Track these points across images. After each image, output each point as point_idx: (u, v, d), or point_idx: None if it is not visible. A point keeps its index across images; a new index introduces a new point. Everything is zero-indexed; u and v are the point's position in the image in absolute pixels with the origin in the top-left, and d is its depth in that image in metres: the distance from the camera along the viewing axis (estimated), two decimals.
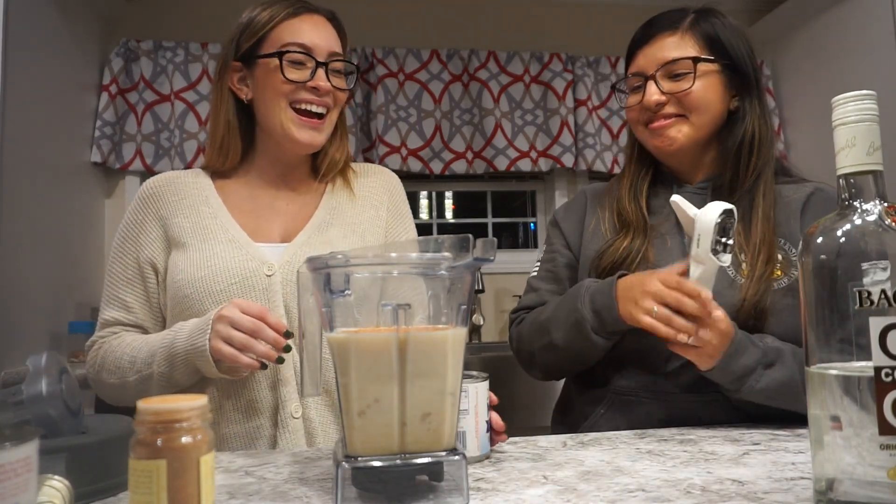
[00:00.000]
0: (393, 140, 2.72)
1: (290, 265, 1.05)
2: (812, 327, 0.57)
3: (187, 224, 1.09)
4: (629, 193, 1.12)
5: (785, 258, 1.00)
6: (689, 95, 1.03)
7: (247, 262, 1.04)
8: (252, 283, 1.03)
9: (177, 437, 0.47)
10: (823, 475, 0.55)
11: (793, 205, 1.03)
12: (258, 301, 1.02)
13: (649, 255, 1.06)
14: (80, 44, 2.45)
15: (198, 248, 1.06)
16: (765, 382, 0.90)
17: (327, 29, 1.10)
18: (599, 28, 3.00)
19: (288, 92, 1.06)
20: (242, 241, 1.07)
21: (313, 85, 1.06)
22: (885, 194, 0.57)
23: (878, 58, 2.42)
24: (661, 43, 1.06)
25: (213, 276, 1.02)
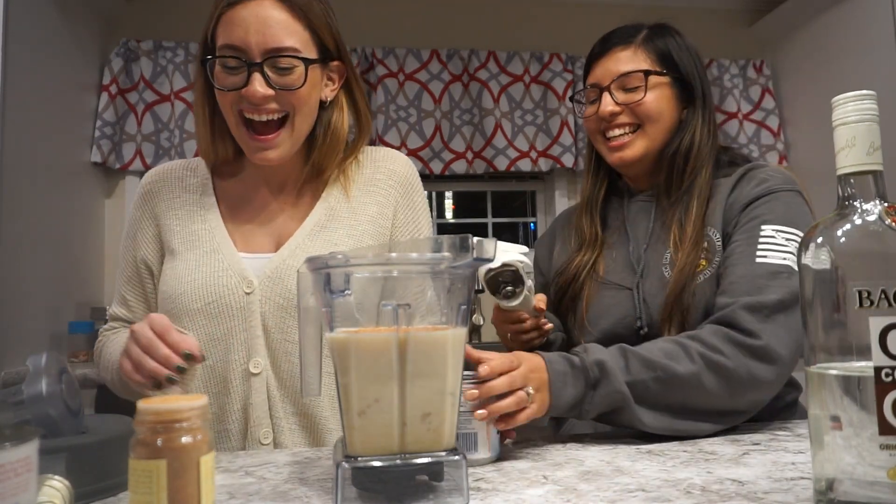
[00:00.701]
0: (393, 140, 2.72)
1: (272, 281, 0.98)
2: (812, 327, 0.57)
3: (178, 227, 1.05)
4: (585, 209, 1.18)
5: (710, 245, 1.00)
6: (641, 106, 1.07)
7: (226, 277, 0.98)
8: (229, 301, 0.97)
9: (177, 437, 0.47)
10: (823, 475, 0.55)
11: (723, 191, 1.04)
12: (235, 321, 0.97)
13: (599, 268, 1.12)
14: (80, 44, 2.45)
15: (183, 257, 1.02)
16: (597, 405, 0.84)
17: (268, 18, 0.92)
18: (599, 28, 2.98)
19: (230, 102, 0.95)
20: (226, 252, 1.01)
21: (244, 94, 0.93)
22: (885, 194, 0.57)
23: (878, 58, 2.42)
24: (616, 56, 1.10)
25: (190, 293, 0.98)
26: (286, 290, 0.98)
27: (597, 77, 1.12)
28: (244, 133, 0.96)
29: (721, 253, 0.99)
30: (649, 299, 1.03)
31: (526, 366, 0.80)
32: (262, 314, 0.98)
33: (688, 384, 0.85)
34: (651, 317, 1.03)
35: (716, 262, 0.99)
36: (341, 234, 1.03)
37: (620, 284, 1.08)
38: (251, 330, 0.97)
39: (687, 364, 0.85)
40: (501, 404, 0.77)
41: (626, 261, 1.09)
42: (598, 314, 1.09)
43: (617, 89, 1.09)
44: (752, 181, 1.02)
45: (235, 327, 0.97)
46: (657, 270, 1.05)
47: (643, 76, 1.07)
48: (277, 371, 0.98)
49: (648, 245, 1.08)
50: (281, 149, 0.97)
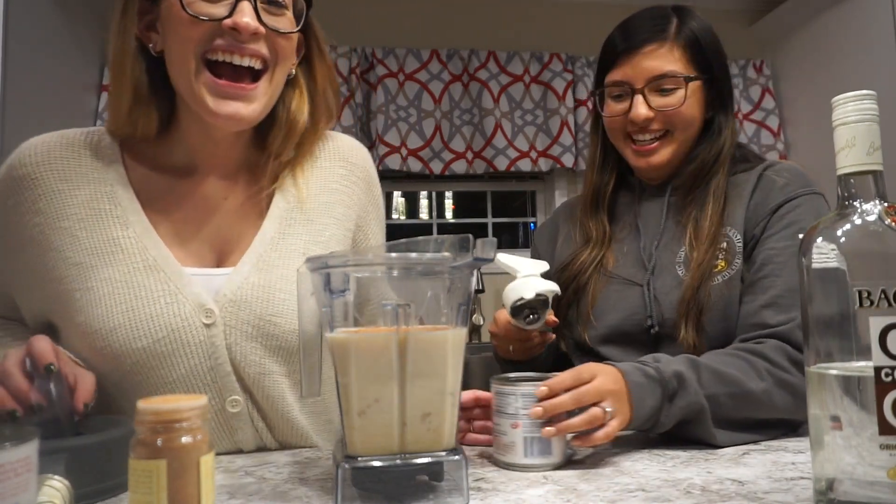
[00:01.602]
0: (393, 140, 2.72)
1: (235, 306, 0.80)
2: (812, 327, 0.57)
3: (83, 234, 0.79)
4: (591, 205, 1.14)
5: (729, 245, 0.99)
6: (678, 113, 1.02)
7: (176, 305, 0.78)
8: (186, 337, 0.77)
9: (177, 437, 0.47)
10: (823, 475, 0.55)
11: (742, 189, 1.03)
12: (196, 359, 0.78)
13: (608, 262, 1.08)
14: (80, 44, 2.45)
15: (102, 277, 0.77)
16: (674, 416, 0.81)
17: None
18: (599, 28, 2.99)
19: (198, 39, 0.75)
20: (168, 270, 0.79)
21: (231, 24, 0.74)
22: (885, 194, 0.57)
23: (878, 58, 2.42)
24: (650, 54, 1.02)
25: (131, 330, 0.76)
26: (254, 315, 0.80)
27: (627, 76, 1.03)
28: (209, 78, 0.76)
29: (741, 255, 0.97)
30: (661, 297, 1.00)
31: (600, 379, 0.76)
32: (229, 346, 0.80)
33: (759, 401, 0.84)
34: (662, 315, 1.00)
35: (736, 264, 0.97)
36: (306, 240, 0.87)
37: (630, 280, 1.05)
38: (219, 368, 0.80)
39: (758, 381, 0.84)
40: (573, 422, 0.73)
41: (637, 256, 1.06)
42: (604, 308, 1.05)
43: (651, 92, 1.02)
44: (774, 184, 1.00)
45: (198, 366, 0.79)
46: (670, 268, 1.02)
47: (683, 81, 1.01)
48: (260, 409, 0.84)
49: (660, 243, 1.05)
50: (257, 104, 0.79)
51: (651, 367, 0.81)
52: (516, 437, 0.73)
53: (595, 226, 1.12)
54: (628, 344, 1.03)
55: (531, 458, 0.73)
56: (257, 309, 0.81)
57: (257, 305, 0.81)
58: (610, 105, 1.07)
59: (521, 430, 0.73)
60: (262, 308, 0.81)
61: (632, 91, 1.03)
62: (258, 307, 0.81)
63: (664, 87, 1.02)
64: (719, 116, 1.07)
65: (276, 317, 0.82)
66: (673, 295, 1.00)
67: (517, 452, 0.73)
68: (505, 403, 0.75)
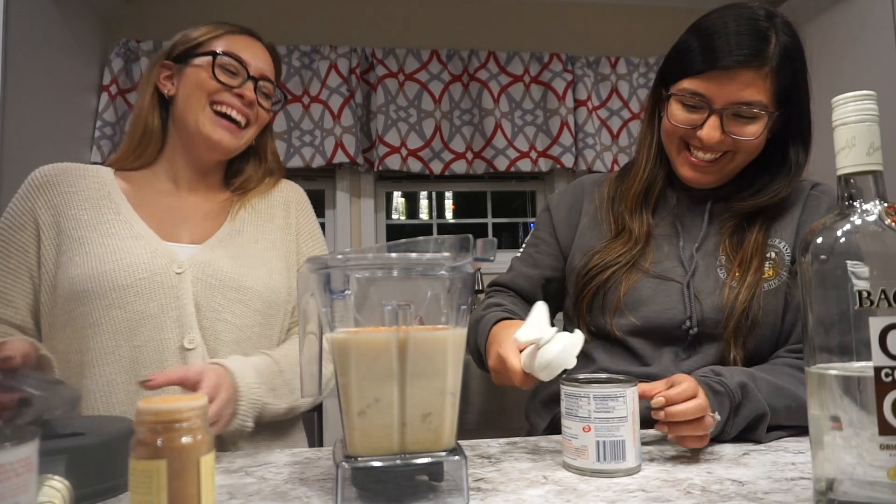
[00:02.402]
0: (393, 140, 2.72)
1: (203, 266, 1.02)
2: (812, 327, 0.57)
3: (85, 217, 1.03)
4: (636, 202, 1.09)
5: (778, 256, 1.00)
6: (749, 143, 0.98)
7: (154, 258, 1.00)
8: (161, 279, 0.99)
9: (177, 437, 0.47)
10: (823, 475, 0.55)
11: (791, 204, 1.03)
12: (167, 299, 0.99)
13: (645, 259, 1.05)
14: (80, 44, 2.45)
15: (98, 242, 1.01)
16: (738, 426, 0.85)
17: (264, 55, 1.14)
18: (599, 28, 3.00)
19: (212, 91, 1.07)
20: (149, 238, 1.03)
21: (239, 92, 1.08)
22: (885, 194, 0.57)
23: (878, 58, 2.42)
24: (741, 78, 0.94)
25: (117, 271, 0.98)
26: (217, 271, 1.03)
27: (710, 91, 0.96)
28: (211, 114, 1.07)
29: (787, 267, 0.99)
30: (702, 298, 0.99)
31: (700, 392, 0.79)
32: (195, 293, 1.01)
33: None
34: (702, 315, 0.98)
35: (782, 276, 0.98)
36: (255, 237, 1.12)
37: (668, 277, 1.03)
38: (183, 308, 0.99)
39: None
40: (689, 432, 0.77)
41: (677, 257, 1.04)
42: (638, 300, 1.02)
43: (729, 116, 0.96)
44: (821, 203, 1.03)
45: (167, 305, 0.99)
46: (711, 271, 1.01)
47: (766, 116, 0.96)
48: (210, 348, 1.01)
49: (701, 244, 1.04)
50: (238, 142, 1.11)
51: (715, 382, 0.85)
52: (588, 441, 0.71)
53: (639, 223, 1.07)
54: (660, 338, 1.01)
55: (604, 462, 0.70)
56: (220, 269, 1.04)
57: (220, 266, 1.04)
58: (678, 112, 1.00)
59: (592, 433, 0.71)
60: (225, 269, 1.04)
61: (709, 108, 0.97)
62: (221, 267, 1.04)
63: (744, 114, 0.96)
64: (799, 150, 1.03)
65: (236, 276, 1.04)
66: (714, 297, 0.98)
67: (589, 457, 0.71)
68: (576, 406, 0.72)
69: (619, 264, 1.05)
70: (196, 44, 1.10)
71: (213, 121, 1.07)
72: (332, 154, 2.67)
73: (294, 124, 2.71)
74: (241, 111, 1.09)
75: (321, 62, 2.71)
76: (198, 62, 1.08)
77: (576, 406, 0.72)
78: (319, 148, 2.69)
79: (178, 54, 1.11)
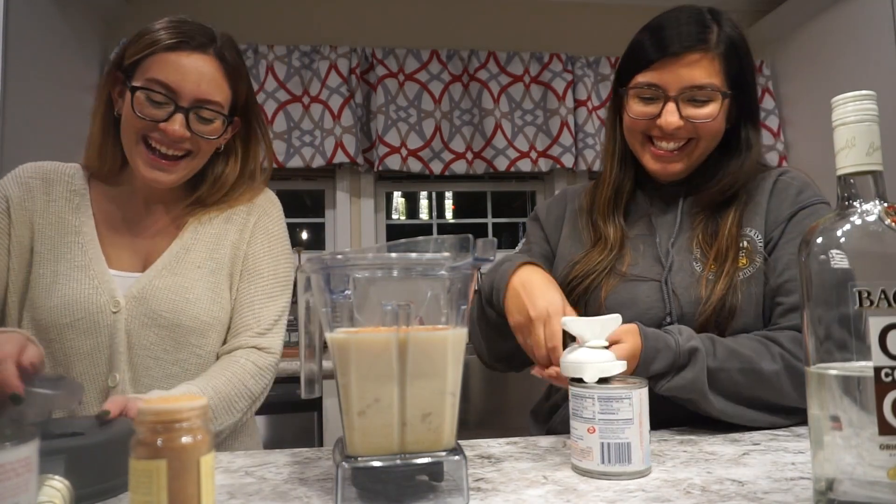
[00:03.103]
0: (393, 140, 2.72)
1: (137, 301, 1.03)
2: (812, 327, 0.57)
3: (50, 232, 1.05)
4: (608, 208, 1.11)
5: (751, 244, 1.01)
6: (707, 126, 1.01)
7: (95, 295, 1.02)
8: (97, 318, 1.01)
9: (177, 437, 0.47)
10: (823, 475, 0.55)
11: (760, 193, 1.05)
12: (102, 338, 1.01)
13: (623, 263, 1.06)
14: (80, 44, 2.45)
15: (52, 267, 1.03)
16: (673, 385, 0.89)
17: (207, 72, 1.02)
18: (599, 28, 3.00)
19: (140, 128, 1.00)
20: (97, 269, 1.04)
21: (162, 128, 0.99)
22: (884, 194, 0.57)
23: (878, 58, 2.42)
24: (689, 62, 0.99)
25: (60, 308, 1.00)
26: (150, 309, 1.03)
27: (663, 80, 1.00)
28: (143, 151, 1.01)
29: (762, 254, 1.00)
30: (680, 292, 1.01)
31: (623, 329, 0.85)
32: (127, 331, 1.02)
33: (768, 382, 0.90)
34: (682, 310, 1.00)
35: (757, 263, 1.00)
36: (203, 256, 1.09)
37: (646, 277, 1.04)
38: (115, 346, 1.01)
39: (770, 363, 0.90)
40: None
41: (653, 253, 1.06)
42: (619, 304, 1.03)
43: (683, 100, 1.00)
44: (789, 189, 1.03)
45: (101, 343, 1.01)
46: (686, 265, 1.02)
47: (719, 96, 1.00)
48: (136, 384, 1.03)
49: (676, 240, 1.06)
50: (175, 176, 1.04)
51: (672, 338, 0.89)
52: (592, 443, 0.70)
53: (612, 229, 1.10)
54: None
55: (608, 465, 0.69)
56: (154, 305, 1.03)
57: (154, 302, 1.03)
58: (636, 106, 1.04)
59: (597, 434, 0.70)
60: (158, 304, 1.04)
61: (664, 97, 1.00)
62: (155, 303, 1.03)
63: (698, 97, 1.00)
64: (749, 131, 1.06)
65: (170, 315, 1.04)
66: (692, 291, 1.00)
67: (594, 459, 0.70)
68: (581, 407, 0.71)
69: (597, 272, 1.07)
70: (139, 58, 1.02)
71: (144, 160, 1.01)
72: (332, 154, 2.67)
73: (294, 124, 2.71)
74: (171, 146, 1.01)
75: (321, 62, 2.71)
76: (128, 91, 1.00)
77: (581, 407, 0.71)
78: (319, 148, 2.69)
79: (126, 66, 1.03)
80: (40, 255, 1.04)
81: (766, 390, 0.91)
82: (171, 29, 1.02)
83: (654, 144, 1.04)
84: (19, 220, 1.05)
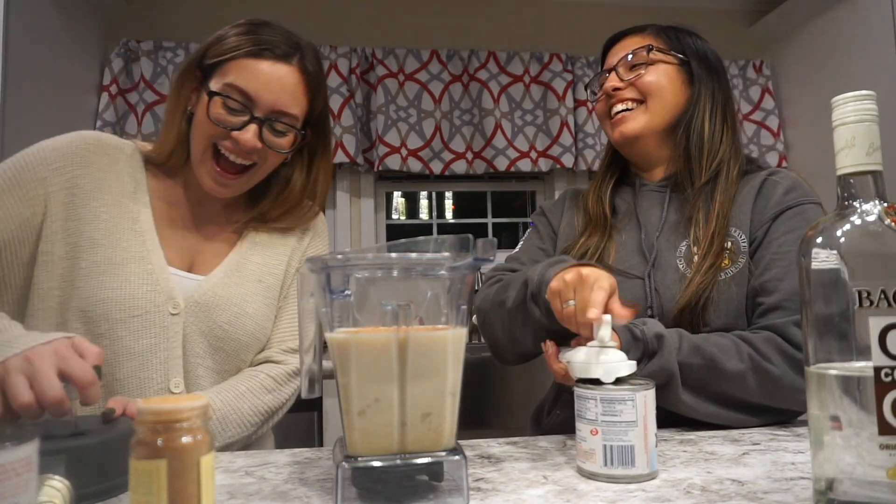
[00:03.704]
0: (393, 140, 2.72)
1: (198, 310, 0.99)
2: (812, 327, 0.57)
3: (105, 215, 0.97)
4: (594, 194, 1.18)
5: (734, 245, 1.02)
6: (642, 79, 1.10)
7: (153, 293, 0.96)
8: (154, 318, 0.95)
9: (177, 437, 0.47)
10: (823, 475, 0.56)
11: (747, 193, 1.06)
12: (158, 339, 0.95)
13: (609, 255, 1.10)
14: (80, 44, 2.45)
15: (106, 255, 0.95)
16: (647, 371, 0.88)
17: (288, 83, 0.98)
18: (599, 28, 2.99)
19: (212, 134, 0.97)
20: (155, 264, 0.98)
21: (235, 137, 0.96)
22: (884, 194, 0.57)
23: (878, 58, 2.42)
24: (627, 41, 1.15)
25: (115, 301, 0.93)
26: (210, 318, 1.00)
27: (608, 63, 1.16)
28: (210, 161, 0.99)
29: (746, 254, 1.01)
30: (662, 289, 1.02)
31: None
32: (185, 337, 0.98)
33: (732, 380, 0.91)
34: (663, 307, 1.02)
35: (740, 263, 1.01)
36: (262, 270, 1.07)
37: (631, 273, 1.06)
38: (171, 350, 0.97)
39: (736, 362, 0.91)
40: None
41: (638, 248, 1.09)
42: None
43: (623, 68, 1.12)
44: (776, 189, 1.04)
45: (156, 345, 0.96)
46: (671, 261, 1.04)
47: (645, 53, 1.11)
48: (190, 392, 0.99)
49: (661, 234, 1.08)
50: (234, 189, 1.02)
51: (638, 329, 0.90)
52: (595, 445, 0.69)
53: (596, 207, 1.15)
54: None
55: (611, 468, 0.68)
56: (214, 315, 1.00)
57: (216, 312, 1.01)
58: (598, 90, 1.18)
59: (600, 436, 0.69)
60: (218, 315, 1.01)
61: (609, 72, 1.14)
62: (216, 313, 1.01)
63: (635, 62, 1.11)
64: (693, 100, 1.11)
65: (227, 325, 1.01)
66: (674, 289, 1.01)
67: (596, 461, 0.69)
68: (584, 408, 0.71)
69: (585, 258, 1.08)
70: (219, 60, 0.98)
71: (209, 172, 0.99)
72: (332, 154, 2.67)
73: None
74: (240, 155, 0.98)
75: None
76: (205, 95, 0.97)
77: (584, 408, 0.71)
78: None
79: (205, 67, 1.00)
80: (92, 240, 0.95)
81: (731, 388, 0.91)
82: (255, 34, 0.99)
83: (612, 116, 1.13)
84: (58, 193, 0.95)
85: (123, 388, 0.95)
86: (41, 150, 0.99)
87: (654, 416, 0.70)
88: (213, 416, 0.96)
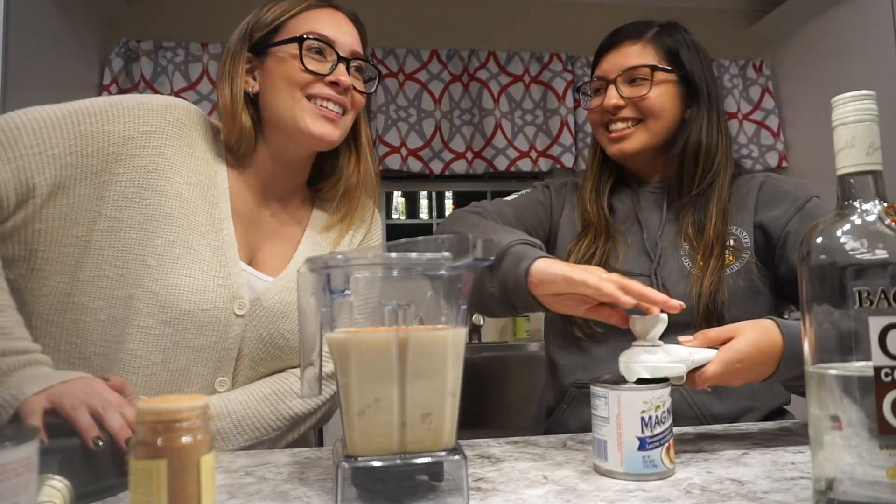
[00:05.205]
0: (393, 140, 2.72)
1: (262, 316, 0.95)
2: (812, 327, 0.57)
3: (186, 193, 0.92)
4: (591, 195, 1.17)
5: (736, 242, 1.05)
6: (645, 101, 1.08)
7: (224, 289, 0.92)
8: (218, 316, 0.91)
9: (177, 437, 0.47)
10: (823, 475, 0.55)
11: (746, 195, 1.09)
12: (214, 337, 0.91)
13: (618, 254, 1.09)
14: (80, 44, 2.45)
15: (182, 237, 0.90)
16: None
17: (350, 27, 1.02)
18: (599, 28, 2.99)
19: (304, 83, 0.94)
20: (229, 256, 0.94)
21: (333, 79, 0.95)
22: (884, 194, 0.57)
23: (878, 58, 2.42)
24: (624, 50, 1.11)
25: (185, 290, 0.89)
26: (273, 325, 0.96)
27: (604, 70, 1.13)
28: (310, 107, 0.95)
29: (750, 249, 1.03)
30: (669, 286, 1.04)
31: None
32: (243, 339, 0.95)
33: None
34: None
35: (744, 258, 1.03)
36: None
37: (635, 272, 1.06)
38: (227, 351, 0.93)
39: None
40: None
41: (641, 248, 1.09)
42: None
43: (622, 83, 1.10)
44: (781, 185, 1.08)
45: (214, 343, 0.92)
46: (675, 259, 1.06)
47: (649, 71, 1.08)
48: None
49: (662, 233, 1.09)
50: (340, 131, 0.99)
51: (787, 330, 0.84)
52: (612, 444, 0.70)
53: (596, 213, 1.14)
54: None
55: (628, 466, 0.69)
56: (278, 322, 0.97)
57: (280, 320, 0.98)
58: (591, 100, 1.16)
59: (617, 436, 0.69)
60: (282, 323, 0.98)
61: (606, 82, 1.11)
62: (280, 322, 0.98)
63: (635, 77, 1.09)
64: (692, 114, 1.11)
65: (290, 333, 0.99)
66: (681, 285, 1.03)
67: (614, 460, 0.70)
68: (602, 406, 0.71)
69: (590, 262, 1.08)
70: (273, 28, 0.97)
71: (312, 114, 0.95)
72: None
73: None
74: (338, 100, 0.96)
75: None
76: (280, 52, 0.96)
77: (602, 407, 0.71)
78: None
79: (255, 42, 0.98)
80: (170, 216, 0.90)
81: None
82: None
83: (609, 130, 1.12)
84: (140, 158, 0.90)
85: (173, 378, 0.90)
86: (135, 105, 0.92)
87: (634, 419, 0.69)
88: (229, 417, 0.92)
